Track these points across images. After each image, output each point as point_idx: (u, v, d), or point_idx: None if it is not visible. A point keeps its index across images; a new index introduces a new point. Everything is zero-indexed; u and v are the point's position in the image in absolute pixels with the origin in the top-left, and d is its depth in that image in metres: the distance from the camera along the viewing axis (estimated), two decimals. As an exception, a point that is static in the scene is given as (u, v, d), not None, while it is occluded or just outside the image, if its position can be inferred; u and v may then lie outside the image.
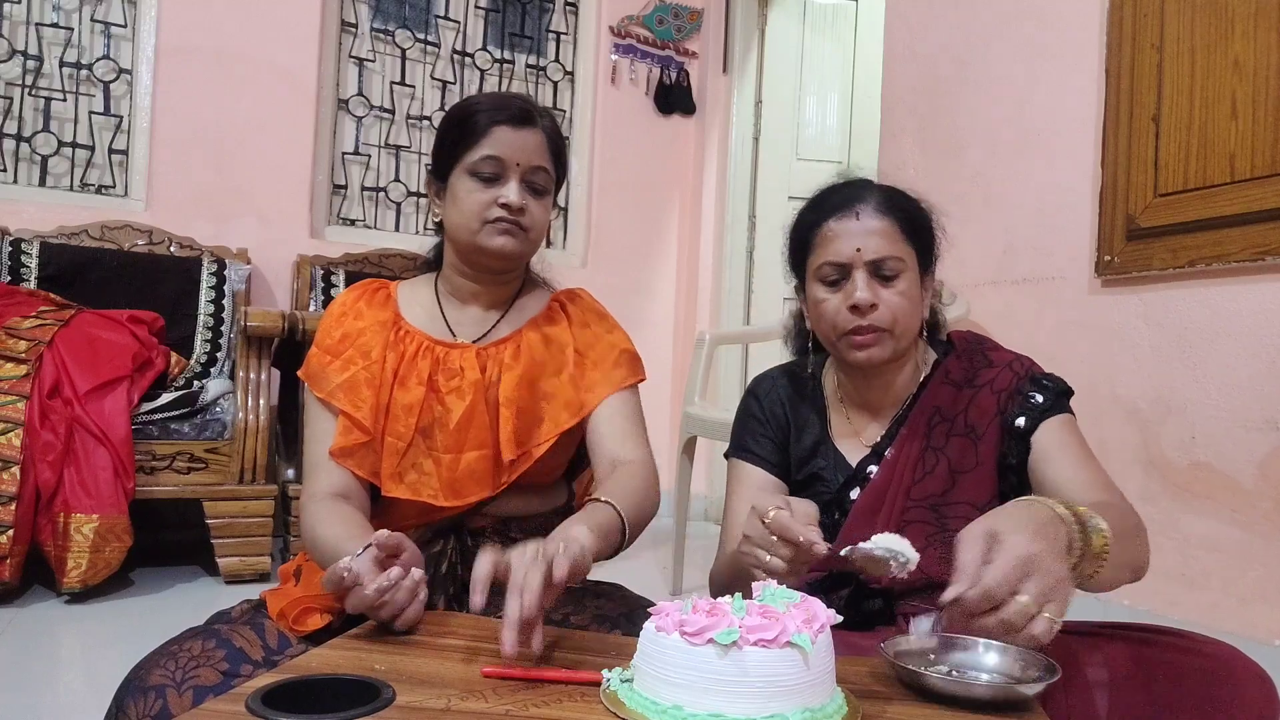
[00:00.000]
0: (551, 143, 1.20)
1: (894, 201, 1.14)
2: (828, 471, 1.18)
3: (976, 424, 1.14)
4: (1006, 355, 1.21)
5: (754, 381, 1.30)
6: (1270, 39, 1.79)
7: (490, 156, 1.15)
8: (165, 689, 0.89)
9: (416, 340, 1.20)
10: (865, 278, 1.10)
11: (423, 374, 1.17)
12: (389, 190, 3.63)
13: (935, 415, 1.16)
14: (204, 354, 2.84)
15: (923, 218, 1.17)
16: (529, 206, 1.17)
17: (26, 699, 1.69)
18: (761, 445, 1.23)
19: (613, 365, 1.24)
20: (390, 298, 1.24)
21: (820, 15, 3.98)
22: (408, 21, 3.65)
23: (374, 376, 1.16)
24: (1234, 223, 1.83)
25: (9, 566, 2.18)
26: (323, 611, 1.05)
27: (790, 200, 3.96)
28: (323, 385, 1.17)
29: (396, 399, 1.16)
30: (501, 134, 1.15)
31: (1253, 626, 1.78)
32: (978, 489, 1.13)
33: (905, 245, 1.12)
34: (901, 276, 1.11)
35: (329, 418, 1.17)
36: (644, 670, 0.73)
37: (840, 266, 1.11)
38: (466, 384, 1.17)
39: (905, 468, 1.13)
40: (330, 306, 1.24)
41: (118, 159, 3.19)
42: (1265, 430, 1.79)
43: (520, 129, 1.16)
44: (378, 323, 1.20)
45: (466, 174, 1.16)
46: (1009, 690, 0.79)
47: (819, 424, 1.21)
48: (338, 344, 1.19)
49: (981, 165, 2.48)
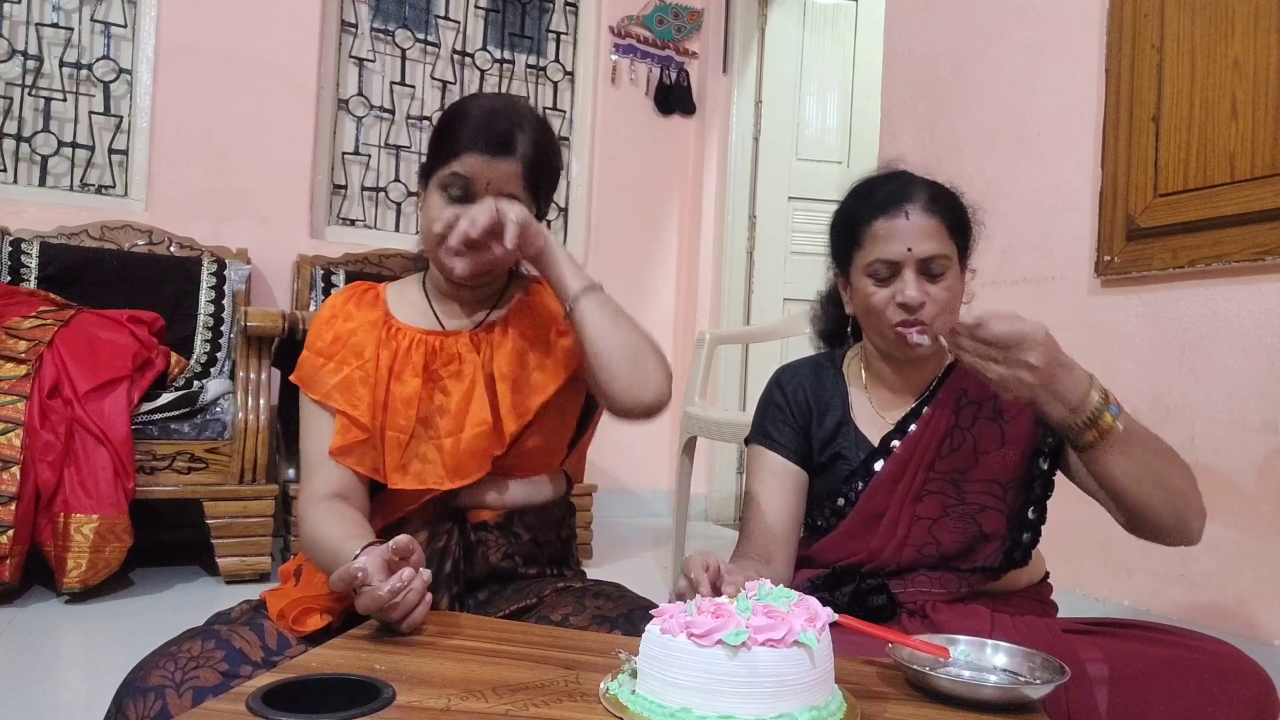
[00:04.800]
0: (530, 170, 1.13)
1: (940, 199, 1.18)
2: (849, 450, 1.21)
3: (1005, 410, 1.17)
4: None
5: (779, 370, 1.33)
6: (1270, 39, 1.79)
7: (458, 175, 1.12)
8: (165, 690, 0.88)
9: (409, 335, 1.19)
10: (914, 276, 1.14)
11: (418, 366, 1.17)
12: (389, 190, 3.63)
13: (963, 397, 1.19)
14: (204, 354, 2.84)
15: (965, 214, 1.21)
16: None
17: (26, 699, 1.69)
18: (782, 432, 1.25)
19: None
20: (379, 298, 1.24)
21: (820, 15, 3.98)
22: (408, 21, 3.65)
23: (369, 375, 1.16)
24: (1234, 223, 1.83)
25: (9, 566, 2.17)
26: (322, 612, 1.05)
27: (790, 200, 3.96)
28: (317, 387, 1.17)
29: (394, 393, 1.16)
30: (472, 159, 1.11)
31: (1253, 626, 1.78)
32: (1001, 468, 1.16)
33: (950, 242, 1.16)
34: (948, 273, 1.15)
35: (325, 419, 1.17)
36: (648, 673, 0.72)
37: (892, 264, 1.15)
38: (466, 367, 1.17)
39: (930, 442, 1.17)
40: (319, 311, 1.24)
41: (118, 159, 3.19)
42: (1265, 431, 1.79)
43: (493, 157, 1.11)
44: (368, 323, 1.20)
45: (437, 186, 1.14)
46: (1016, 692, 0.79)
47: (841, 408, 1.24)
48: (329, 346, 1.19)
49: (981, 165, 2.48)
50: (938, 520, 1.15)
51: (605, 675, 0.78)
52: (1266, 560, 1.78)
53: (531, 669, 0.81)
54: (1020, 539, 1.16)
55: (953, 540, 1.14)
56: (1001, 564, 1.15)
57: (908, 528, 1.14)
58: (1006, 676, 0.83)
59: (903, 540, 1.14)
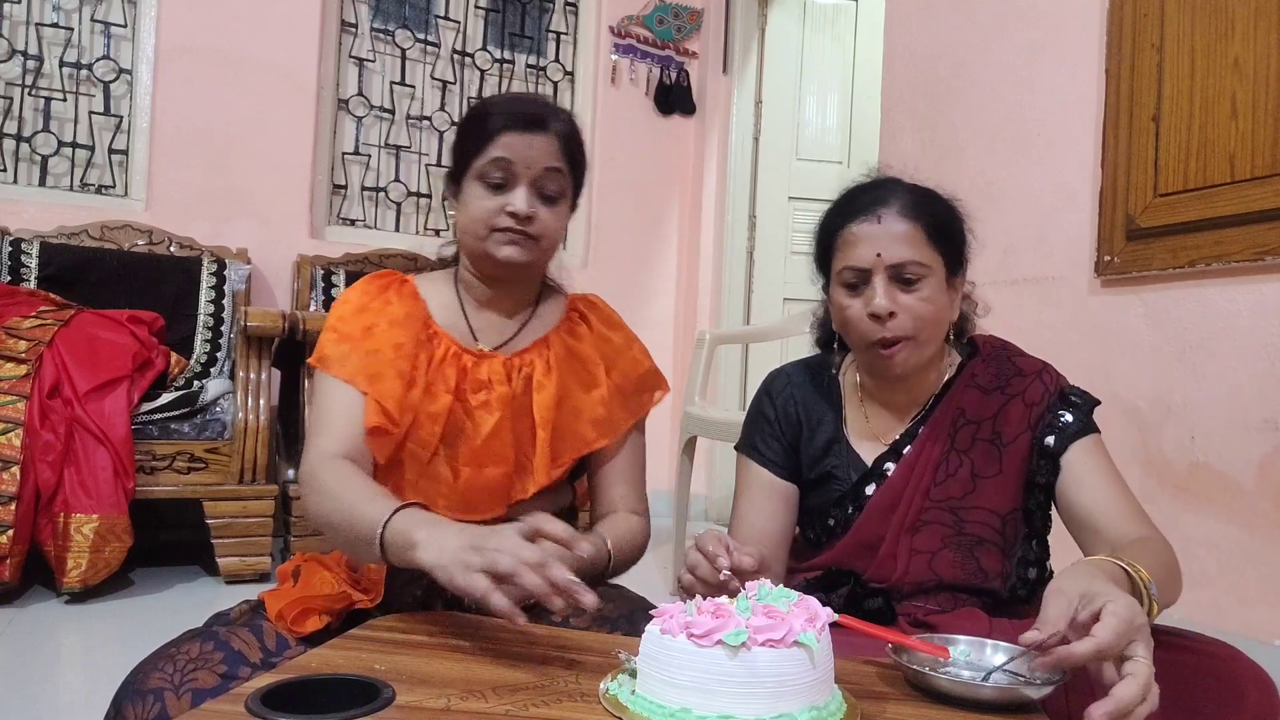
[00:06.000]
0: (566, 145, 1.16)
1: (921, 204, 1.11)
2: (840, 470, 1.17)
3: (1004, 432, 1.13)
4: (1034, 363, 1.19)
5: (769, 378, 1.27)
6: (1270, 39, 1.79)
7: (497, 159, 1.12)
8: (163, 692, 0.88)
9: (444, 344, 1.17)
10: (885, 284, 1.07)
11: (449, 381, 1.14)
12: (389, 190, 3.63)
13: (960, 418, 1.14)
14: (204, 354, 2.84)
15: (952, 220, 1.15)
16: (539, 214, 1.14)
17: (26, 699, 1.69)
18: (770, 447, 1.21)
19: (635, 388, 1.25)
20: (416, 294, 1.21)
21: (820, 15, 3.97)
22: (408, 21, 3.65)
23: (403, 372, 1.12)
24: (1234, 223, 1.83)
25: (9, 566, 2.18)
26: (321, 613, 1.05)
27: (790, 200, 3.96)
28: (343, 367, 1.12)
29: (423, 406, 1.13)
30: (509, 138, 1.12)
31: (1253, 626, 1.78)
32: (999, 497, 1.12)
33: (930, 249, 1.09)
34: (924, 281, 1.08)
35: (344, 388, 1.11)
36: (647, 673, 0.72)
37: (860, 271, 1.09)
38: (495, 398, 1.15)
39: (926, 468, 1.12)
40: (347, 296, 1.19)
41: (118, 159, 3.19)
42: (1265, 430, 1.79)
43: (529, 133, 1.12)
44: (407, 315, 1.16)
45: (476, 179, 1.14)
46: (1016, 692, 0.79)
47: (834, 423, 1.19)
48: (360, 333, 1.14)
49: (981, 165, 2.48)
50: (937, 553, 1.11)
51: (605, 675, 0.78)
52: (1266, 560, 1.77)
53: (531, 669, 0.81)
54: (1026, 575, 1.13)
55: (953, 574, 1.11)
56: (1007, 598, 1.12)
57: (906, 562, 1.10)
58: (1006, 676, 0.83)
59: (902, 574, 1.11)
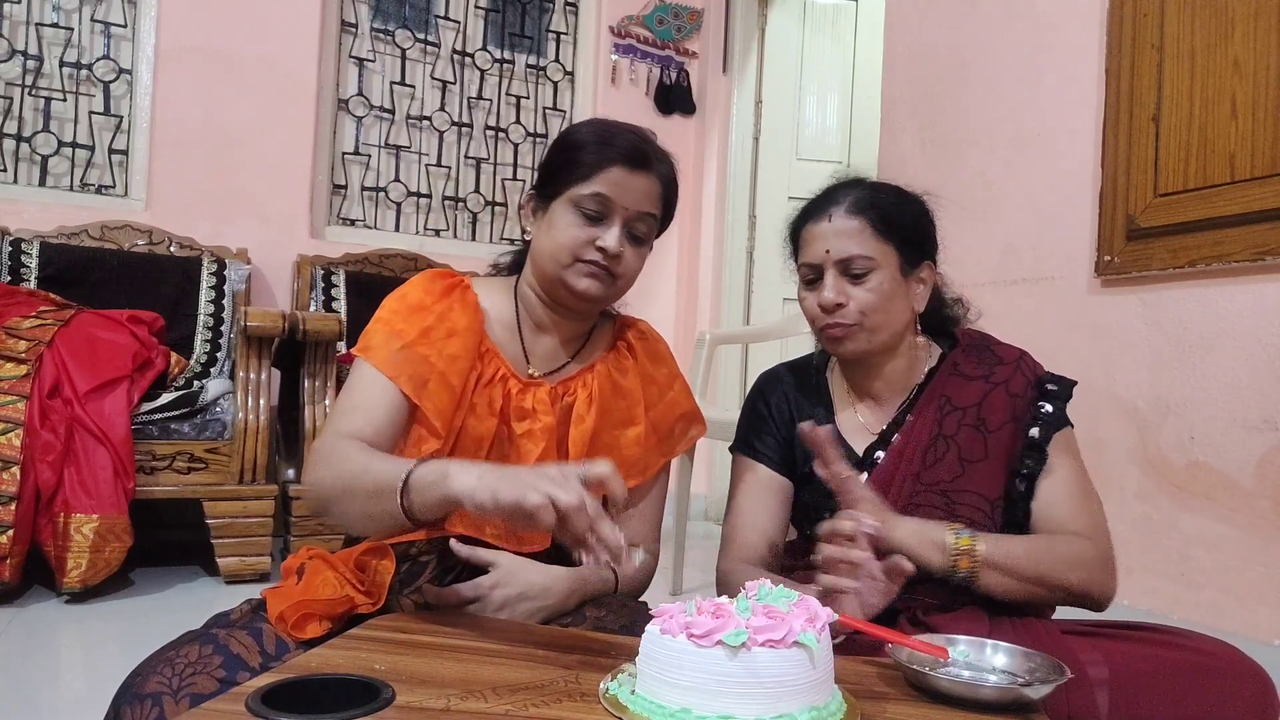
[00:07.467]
0: (665, 190, 1.17)
1: (871, 200, 1.17)
2: None
3: (988, 419, 1.17)
4: (1012, 352, 1.24)
5: (760, 378, 1.33)
6: (1270, 39, 1.79)
7: (599, 194, 1.11)
8: (162, 696, 0.88)
9: (495, 365, 1.15)
10: (834, 278, 1.16)
11: (495, 404, 1.13)
12: (389, 190, 3.63)
13: (945, 404, 1.18)
14: (204, 354, 2.84)
15: (902, 213, 1.19)
16: (625, 254, 1.14)
17: (26, 699, 1.69)
18: (766, 443, 1.26)
19: (670, 429, 1.28)
20: (478, 305, 1.18)
21: (820, 15, 3.98)
22: (408, 21, 3.65)
23: (453, 387, 1.09)
24: (1234, 223, 1.83)
25: (9, 566, 2.17)
26: (321, 619, 1.04)
27: (790, 200, 3.96)
28: (389, 362, 1.08)
29: (469, 426, 1.11)
30: (616, 174, 1.11)
31: (1253, 626, 1.78)
32: (986, 482, 1.15)
33: (877, 243, 1.16)
34: (872, 274, 1.15)
35: (386, 387, 1.08)
36: (647, 673, 0.72)
37: (814, 267, 1.18)
38: (539, 429, 1.14)
39: (914, 452, 1.16)
40: (405, 291, 1.16)
41: (118, 159, 3.19)
42: (1264, 430, 1.79)
43: (635, 172, 1.12)
44: (468, 327, 1.14)
45: (570, 205, 1.12)
46: (1016, 692, 0.79)
47: (825, 418, 1.24)
48: (417, 335, 1.11)
49: (981, 165, 2.48)
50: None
51: (605, 675, 0.78)
52: (1266, 559, 1.78)
53: (531, 669, 0.82)
54: None
55: None
56: None
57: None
58: (1006, 677, 0.83)
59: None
